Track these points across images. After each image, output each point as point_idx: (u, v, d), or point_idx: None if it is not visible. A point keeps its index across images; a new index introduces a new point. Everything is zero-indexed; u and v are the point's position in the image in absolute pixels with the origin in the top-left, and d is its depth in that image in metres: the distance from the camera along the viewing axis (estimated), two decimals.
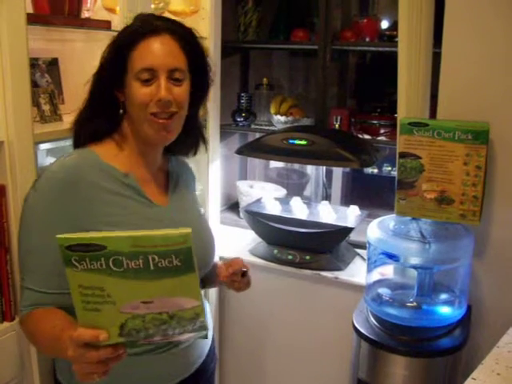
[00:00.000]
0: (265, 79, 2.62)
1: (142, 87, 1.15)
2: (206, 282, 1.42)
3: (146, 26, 1.17)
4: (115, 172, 1.20)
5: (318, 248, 2.13)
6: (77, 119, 1.24)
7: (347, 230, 2.08)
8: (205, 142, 1.40)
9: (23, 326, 1.17)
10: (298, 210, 2.29)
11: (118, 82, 1.19)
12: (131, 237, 0.86)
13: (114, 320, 0.90)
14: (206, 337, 0.98)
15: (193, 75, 1.22)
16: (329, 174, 2.55)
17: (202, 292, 1.41)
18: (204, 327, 0.93)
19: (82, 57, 1.82)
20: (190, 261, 0.86)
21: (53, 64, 1.76)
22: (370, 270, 1.87)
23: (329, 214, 2.23)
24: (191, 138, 1.35)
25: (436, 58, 1.79)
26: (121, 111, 1.22)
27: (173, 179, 1.35)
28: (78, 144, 1.24)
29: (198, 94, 1.27)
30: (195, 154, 1.41)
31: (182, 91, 1.18)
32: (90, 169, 1.17)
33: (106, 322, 0.90)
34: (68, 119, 1.23)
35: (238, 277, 1.36)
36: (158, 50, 1.15)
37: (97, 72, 1.21)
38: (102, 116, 1.22)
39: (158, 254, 0.86)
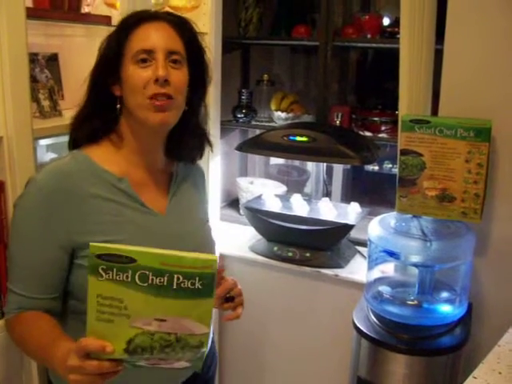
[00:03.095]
0: (265, 75, 2.60)
1: (140, 69, 1.11)
2: None
3: (142, 14, 1.16)
4: (109, 176, 1.16)
5: (318, 245, 2.12)
6: (76, 118, 1.21)
7: (348, 228, 2.07)
8: (211, 145, 1.34)
9: (10, 328, 1.15)
10: (299, 206, 2.28)
11: (115, 72, 1.15)
12: (162, 255, 0.88)
13: (122, 334, 0.90)
14: (199, 368, 0.98)
15: (190, 69, 1.19)
16: (329, 171, 2.54)
17: None
18: (202, 359, 0.94)
19: (81, 52, 1.80)
20: (210, 286, 0.88)
21: (52, 59, 1.75)
22: (370, 268, 1.86)
23: (329, 211, 2.22)
24: (195, 139, 1.30)
25: (438, 54, 1.78)
26: (118, 106, 1.18)
27: (176, 182, 1.29)
28: (74, 145, 1.21)
29: (197, 92, 1.23)
30: (200, 157, 1.36)
31: (180, 75, 1.14)
32: (81, 174, 1.13)
33: (115, 335, 0.90)
34: (68, 115, 1.22)
35: (220, 300, 1.28)
36: (155, 33, 1.13)
37: (94, 66, 1.18)
38: (100, 114, 1.18)
39: (184, 274, 0.87)
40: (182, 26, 1.18)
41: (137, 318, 0.90)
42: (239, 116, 2.53)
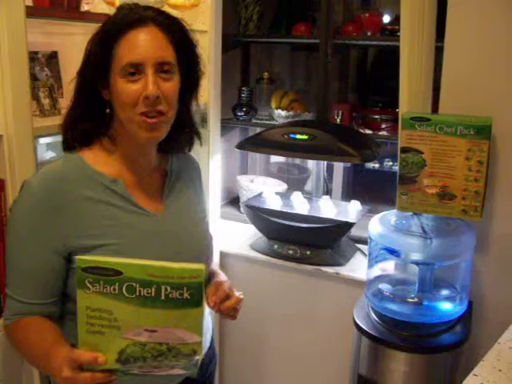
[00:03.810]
0: (266, 73, 2.61)
1: (128, 84, 1.08)
2: None
3: (131, 16, 1.10)
4: (103, 179, 1.14)
5: (318, 243, 2.12)
6: (65, 121, 1.18)
7: (348, 225, 2.07)
8: (199, 137, 1.32)
9: (10, 334, 1.15)
10: (299, 204, 2.28)
11: (102, 78, 1.12)
12: (148, 266, 0.88)
13: (114, 345, 0.91)
14: (194, 375, 0.97)
15: (182, 67, 1.15)
16: (330, 169, 2.54)
17: None
18: (196, 365, 0.94)
19: (81, 50, 1.80)
20: (199, 295, 0.89)
21: (52, 57, 1.75)
22: (370, 266, 1.86)
23: (330, 208, 2.22)
24: (185, 134, 1.28)
25: (438, 52, 1.78)
26: (107, 111, 1.15)
27: (170, 180, 1.27)
28: (67, 147, 1.18)
29: (188, 88, 1.21)
30: (190, 150, 1.35)
31: (170, 86, 1.11)
32: (74, 177, 1.12)
33: (107, 346, 0.91)
34: None
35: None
36: (144, 43, 1.08)
37: (80, 69, 1.14)
38: (90, 117, 1.16)
39: (171, 285, 0.88)
40: (171, 28, 1.13)
41: (127, 329, 0.90)
42: (239, 114, 2.53)
